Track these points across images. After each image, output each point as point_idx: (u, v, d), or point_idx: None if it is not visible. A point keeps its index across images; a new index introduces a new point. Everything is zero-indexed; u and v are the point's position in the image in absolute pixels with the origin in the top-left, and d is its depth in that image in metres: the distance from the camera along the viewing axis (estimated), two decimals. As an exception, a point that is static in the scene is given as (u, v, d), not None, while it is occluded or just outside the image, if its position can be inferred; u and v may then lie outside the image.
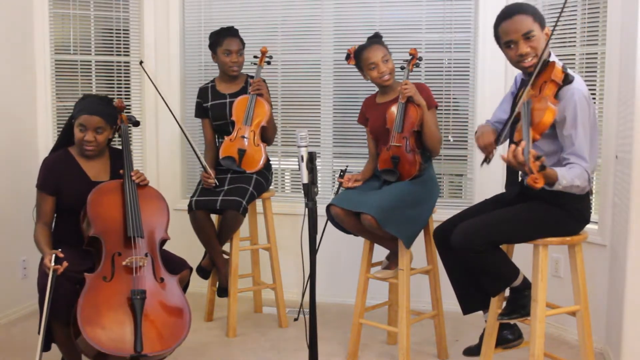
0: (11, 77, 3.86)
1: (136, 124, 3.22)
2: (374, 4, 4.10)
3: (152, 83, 3.71)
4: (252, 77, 3.79)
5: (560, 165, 2.56)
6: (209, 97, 3.81)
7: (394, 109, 3.24)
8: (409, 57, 3.43)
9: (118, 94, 4.31)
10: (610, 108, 3.29)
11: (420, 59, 3.45)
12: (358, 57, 3.31)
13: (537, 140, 2.47)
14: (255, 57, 3.82)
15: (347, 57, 3.37)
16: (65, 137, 2.98)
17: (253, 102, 3.67)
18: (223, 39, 3.70)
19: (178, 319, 2.71)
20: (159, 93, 3.67)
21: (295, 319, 3.80)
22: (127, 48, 4.32)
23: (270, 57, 3.86)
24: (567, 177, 2.45)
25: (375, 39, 3.33)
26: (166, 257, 2.89)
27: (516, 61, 2.64)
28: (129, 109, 4.35)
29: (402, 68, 3.42)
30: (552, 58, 2.63)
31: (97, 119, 2.87)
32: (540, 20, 2.60)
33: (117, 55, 4.30)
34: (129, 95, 4.35)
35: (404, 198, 3.11)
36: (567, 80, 2.50)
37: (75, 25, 4.19)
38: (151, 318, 2.65)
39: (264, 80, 3.78)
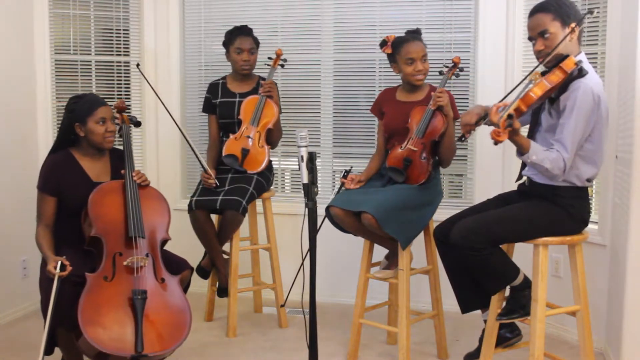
0: (11, 77, 3.86)
1: (137, 124, 3.23)
2: (374, 4, 4.10)
3: (150, 85, 3.69)
4: (264, 78, 3.77)
5: (586, 168, 2.65)
6: (218, 93, 3.79)
7: (420, 112, 3.15)
8: (450, 65, 3.33)
9: (118, 94, 4.31)
10: (610, 108, 3.27)
11: (461, 69, 3.35)
12: (396, 47, 3.20)
13: (523, 111, 2.55)
14: (269, 58, 3.81)
15: (383, 44, 3.24)
16: (65, 139, 2.97)
17: (262, 104, 3.66)
18: (235, 37, 3.70)
19: (179, 320, 2.71)
20: (156, 94, 3.67)
21: (282, 305, 3.77)
22: (127, 48, 4.32)
23: (285, 60, 3.83)
24: (539, 155, 2.55)
25: (417, 35, 3.24)
26: (167, 257, 2.89)
27: (536, 57, 2.71)
28: (129, 108, 4.35)
29: (441, 73, 3.33)
30: (581, 57, 2.63)
31: (111, 108, 2.95)
32: (561, 17, 2.61)
33: (117, 55, 4.30)
34: (129, 95, 4.35)
35: (406, 200, 3.09)
36: (581, 73, 2.54)
37: (75, 25, 4.19)
38: (152, 318, 2.64)
39: (275, 84, 3.76)
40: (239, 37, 3.70)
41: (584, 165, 2.65)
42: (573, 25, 2.61)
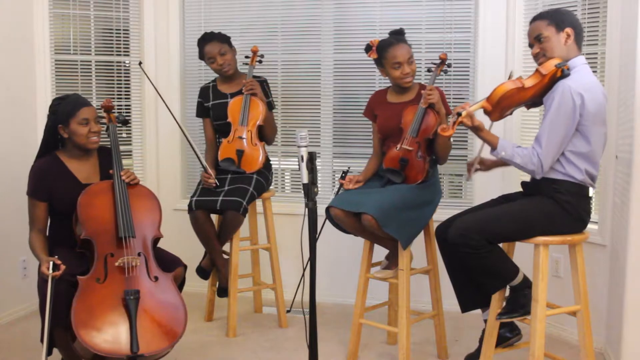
0: (11, 77, 3.86)
1: (125, 122, 3.21)
2: (374, 4, 4.10)
3: (152, 83, 3.71)
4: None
5: (582, 163, 2.67)
6: (210, 96, 3.81)
7: (412, 111, 3.14)
8: (438, 62, 3.30)
9: (118, 94, 4.31)
10: (610, 108, 3.27)
11: (449, 65, 3.33)
12: (382, 52, 3.18)
13: (487, 109, 2.69)
14: (246, 57, 3.81)
15: (368, 49, 3.23)
16: (50, 143, 2.95)
17: (247, 102, 3.66)
18: (202, 47, 3.73)
19: (174, 317, 2.70)
20: (159, 93, 3.68)
21: (288, 311, 3.78)
22: (127, 48, 4.32)
23: (262, 56, 3.83)
24: (508, 150, 2.68)
25: (401, 37, 3.21)
26: (160, 255, 2.88)
27: (535, 61, 2.80)
28: (129, 108, 4.35)
29: (429, 71, 3.31)
30: (577, 60, 2.69)
31: (94, 109, 2.90)
32: (556, 22, 2.71)
33: (117, 55, 4.30)
34: (129, 95, 4.35)
35: (405, 200, 3.08)
36: (563, 75, 2.62)
37: (75, 25, 4.19)
38: (146, 317, 2.63)
39: (265, 80, 3.77)
40: (205, 46, 3.71)
41: (577, 160, 2.67)
42: (568, 30, 2.70)
